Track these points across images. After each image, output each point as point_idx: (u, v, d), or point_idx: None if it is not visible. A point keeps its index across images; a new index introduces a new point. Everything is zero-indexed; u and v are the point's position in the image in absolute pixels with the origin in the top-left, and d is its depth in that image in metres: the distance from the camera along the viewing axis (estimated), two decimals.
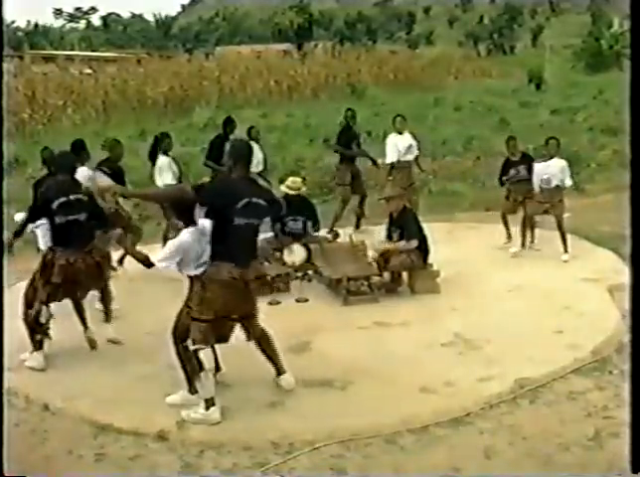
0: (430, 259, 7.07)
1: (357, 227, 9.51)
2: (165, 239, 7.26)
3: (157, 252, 5.12)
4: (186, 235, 4.65)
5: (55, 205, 5.37)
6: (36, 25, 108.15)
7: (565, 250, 7.83)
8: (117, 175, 7.58)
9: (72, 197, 5.40)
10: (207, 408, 4.56)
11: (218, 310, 4.55)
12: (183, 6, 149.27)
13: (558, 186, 7.96)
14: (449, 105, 22.82)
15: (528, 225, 8.16)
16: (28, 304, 5.53)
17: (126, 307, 6.34)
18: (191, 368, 4.67)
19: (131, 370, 5.29)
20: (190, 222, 4.64)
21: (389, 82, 31.54)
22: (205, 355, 4.66)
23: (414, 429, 4.43)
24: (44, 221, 5.55)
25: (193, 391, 4.74)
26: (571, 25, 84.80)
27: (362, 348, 5.61)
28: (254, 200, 4.57)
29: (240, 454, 4.24)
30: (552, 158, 8.03)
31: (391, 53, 40.04)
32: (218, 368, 4.99)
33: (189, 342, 4.56)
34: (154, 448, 4.36)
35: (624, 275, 6.16)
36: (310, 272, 7.34)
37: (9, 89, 19.62)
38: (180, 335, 4.70)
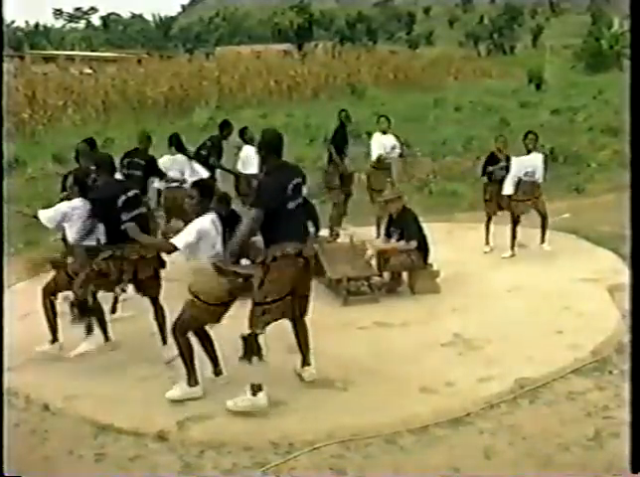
0: (430, 259, 7.07)
1: (338, 224, 9.48)
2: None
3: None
4: (206, 219, 4.74)
5: (120, 201, 5.30)
6: (36, 25, 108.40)
7: (543, 241, 8.01)
8: (151, 164, 7.76)
9: (129, 194, 5.38)
10: (254, 394, 4.56)
11: (282, 290, 4.62)
12: (183, 6, 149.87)
13: (535, 181, 8.03)
14: (449, 106, 22.81)
15: (517, 226, 8.17)
16: (52, 293, 5.54)
17: (126, 308, 6.33)
18: (189, 358, 4.77)
19: (131, 370, 5.29)
20: None
21: (389, 83, 31.59)
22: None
23: (414, 429, 4.43)
24: (75, 215, 5.39)
25: (192, 383, 4.79)
26: (571, 25, 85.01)
27: (362, 348, 5.60)
28: (295, 181, 4.72)
29: (240, 454, 4.24)
30: (529, 152, 8.10)
31: (391, 53, 40.11)
32: (216, 365, 5.02)
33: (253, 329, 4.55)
34: (154, 448, 4.36)
35: (624, 275, 6.19)
36: None
37: (9, 89, 19.60)
38: (183, 326, 4.75)
